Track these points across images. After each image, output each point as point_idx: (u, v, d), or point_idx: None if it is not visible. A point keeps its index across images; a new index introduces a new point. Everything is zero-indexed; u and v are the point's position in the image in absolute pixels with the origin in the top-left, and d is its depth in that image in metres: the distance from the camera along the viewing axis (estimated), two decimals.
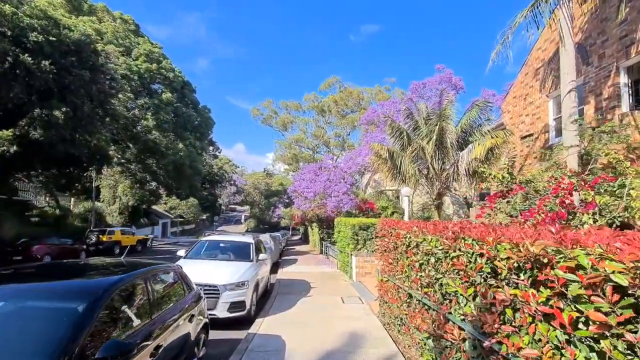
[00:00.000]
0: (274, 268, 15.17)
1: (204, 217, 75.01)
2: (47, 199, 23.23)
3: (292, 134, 36.30)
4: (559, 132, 10.49)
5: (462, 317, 3.08)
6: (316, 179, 18.95)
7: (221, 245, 8.27)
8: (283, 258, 20.16)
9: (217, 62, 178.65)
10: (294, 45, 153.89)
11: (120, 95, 20.81)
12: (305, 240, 42.21)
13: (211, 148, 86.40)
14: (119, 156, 27.44)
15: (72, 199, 27.06)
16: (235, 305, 6.20)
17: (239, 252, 7.95)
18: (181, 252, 7.80)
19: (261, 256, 7.98)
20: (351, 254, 11.72)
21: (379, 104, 19.44)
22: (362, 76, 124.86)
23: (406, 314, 4.94)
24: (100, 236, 22.15)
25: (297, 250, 28.19)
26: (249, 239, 8.39)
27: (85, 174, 27.31)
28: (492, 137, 10.78)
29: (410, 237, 4.69)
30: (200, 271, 6.54)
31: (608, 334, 1.54)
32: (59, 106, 14.39)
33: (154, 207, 52.78)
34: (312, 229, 28.18)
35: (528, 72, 12.10)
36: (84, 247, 20.30)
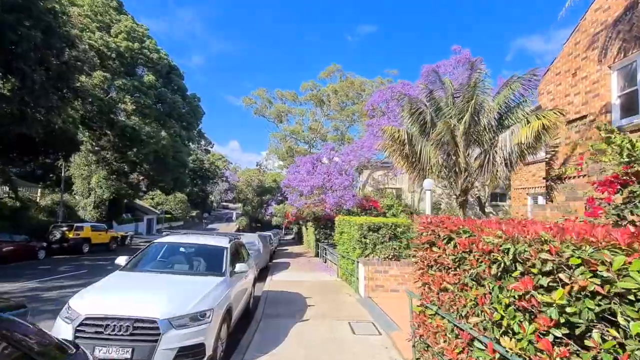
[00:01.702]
0: (263, 274, 12.78)
1: (194, 214, 72.39)
2: (7, 189, 20.47)
3: (287, 126, 33.66)
4: (627, 112, 8.29)
5: None
6: (314, 171, 16.57)
7: (182, 250, 5.82)
8: (274, 261, 17.74)
9: (212, 59, 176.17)
10: (291, 44, 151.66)
11: (91, 72, 18.13)
12: (299, 240, 39.80)
13: (203, 142, 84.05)
14: (93, 143, 24.72)
15: (39, 190, 24.28)
16: (188, 353, 3.79)
17: (207, 262, 5.53)
18: (121, 260, 5.35)
19: (239, 267, 5.56)
20: (358, 262, 9.37)
21: (388, 87, 17.12)
22: (361, 73, 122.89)
23: None
24: (66, 232, 19.45)
25: (290, 251, 25.80)
26: (222, 241, 5.96)
27: (57, 163, 24.58)
28: (538, 118, 8.52)
29: (520, 251, 2.34)
30: (131, 295, 4.10)
31: None
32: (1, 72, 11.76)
33: (139, 202, 50.00)
34: (307, 229, 25.80)
35: (580, 40, 9.83)
36: (44, 244, 17.63)
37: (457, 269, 3.35)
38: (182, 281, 4.68)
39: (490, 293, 2.74)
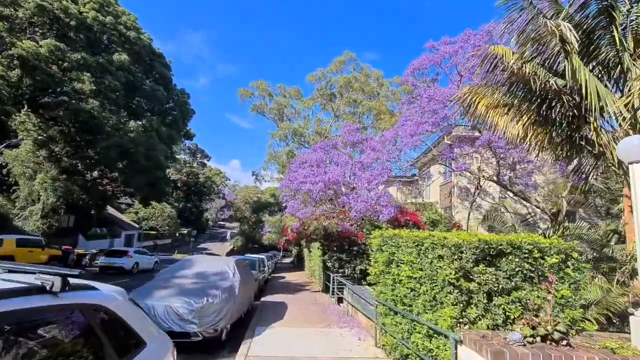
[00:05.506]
0: (237, 331, 7.01)
1: (184, 232, 66.25)
2: None
3: (289, 124, 28.11)
4: None
5: None
6: (327, 161, 11.07)
7: None
8: (263, 299, 11.87)
9: (215, 81, 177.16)
10: (295, 70, 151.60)
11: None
12: (298, 263, 33.64)
13: (199, 155, 78.82)
14: (44, 134, 19.37)
15: None
16: None
17: None
18: None
19: None
20: (458, 341, 3.64)
21: (441, 41, 11.95)
22: None
23: None
24: None
25: (288, 280, 19.78)
26: None
27: None
28: None
29: None
30: None
31: None
32: None
33: (119, 215, 44.26)
34: (311, 251, 19.88)
35: None
36: None
37: None
38: None
39: None
